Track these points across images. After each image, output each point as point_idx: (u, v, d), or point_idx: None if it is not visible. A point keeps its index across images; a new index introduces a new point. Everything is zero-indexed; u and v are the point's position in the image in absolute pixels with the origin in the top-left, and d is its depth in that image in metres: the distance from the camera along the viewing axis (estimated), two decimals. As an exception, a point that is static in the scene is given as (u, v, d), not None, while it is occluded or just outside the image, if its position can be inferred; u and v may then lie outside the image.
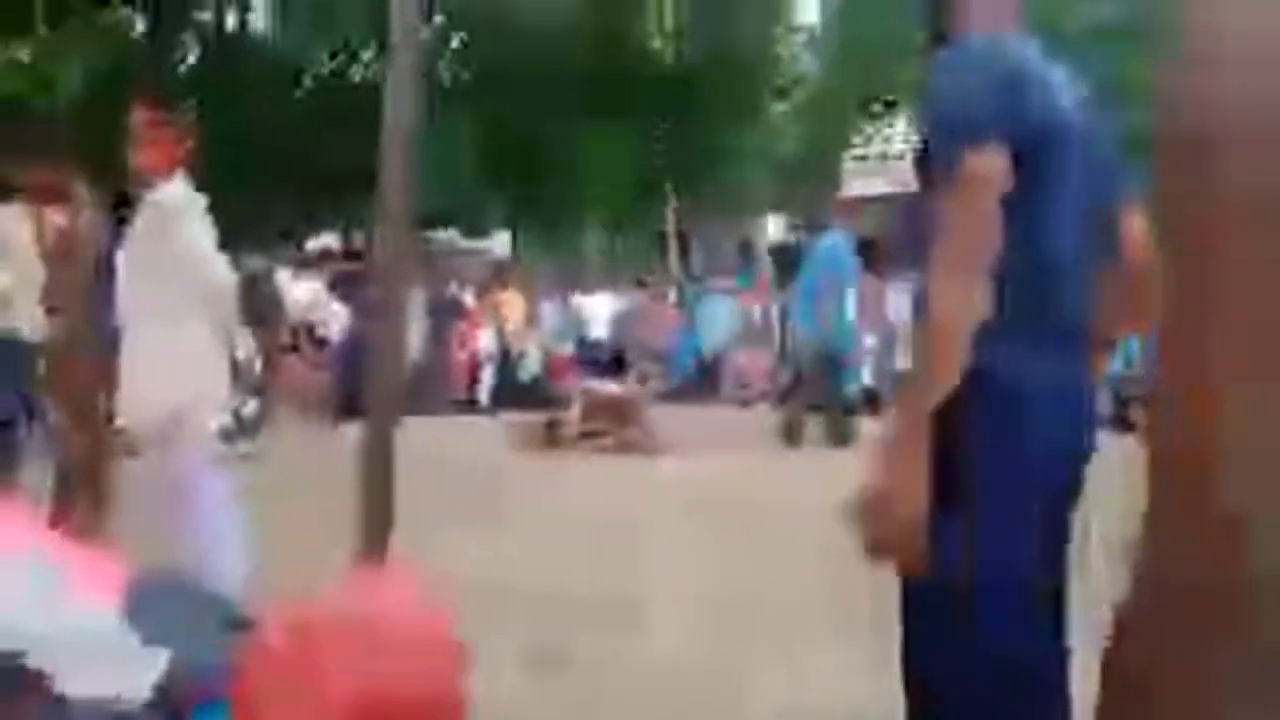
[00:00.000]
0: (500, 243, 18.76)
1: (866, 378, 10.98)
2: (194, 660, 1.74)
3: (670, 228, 15.36)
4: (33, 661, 1.64)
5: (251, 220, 11.94)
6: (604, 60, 13.36)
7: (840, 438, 7.44)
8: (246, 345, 8.32)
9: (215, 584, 3.24)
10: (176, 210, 3.65)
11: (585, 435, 7.26)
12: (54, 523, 4.34)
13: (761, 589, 4.06)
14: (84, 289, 4.57)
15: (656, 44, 12.54)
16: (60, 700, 1.65)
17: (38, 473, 4.70)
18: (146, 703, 1.70)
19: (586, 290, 11.60)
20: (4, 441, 4.97)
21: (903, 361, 11.04)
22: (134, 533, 3.73)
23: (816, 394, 7.63)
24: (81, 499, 4.51)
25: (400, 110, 2.47)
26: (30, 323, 4.73)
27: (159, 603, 1.88)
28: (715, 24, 14.39)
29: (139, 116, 3.77)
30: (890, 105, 16.63)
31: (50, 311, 4.63)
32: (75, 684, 1.65)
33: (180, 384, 3.55)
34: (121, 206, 4.16)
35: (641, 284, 11.97)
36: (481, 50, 13.68)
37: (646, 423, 7.43)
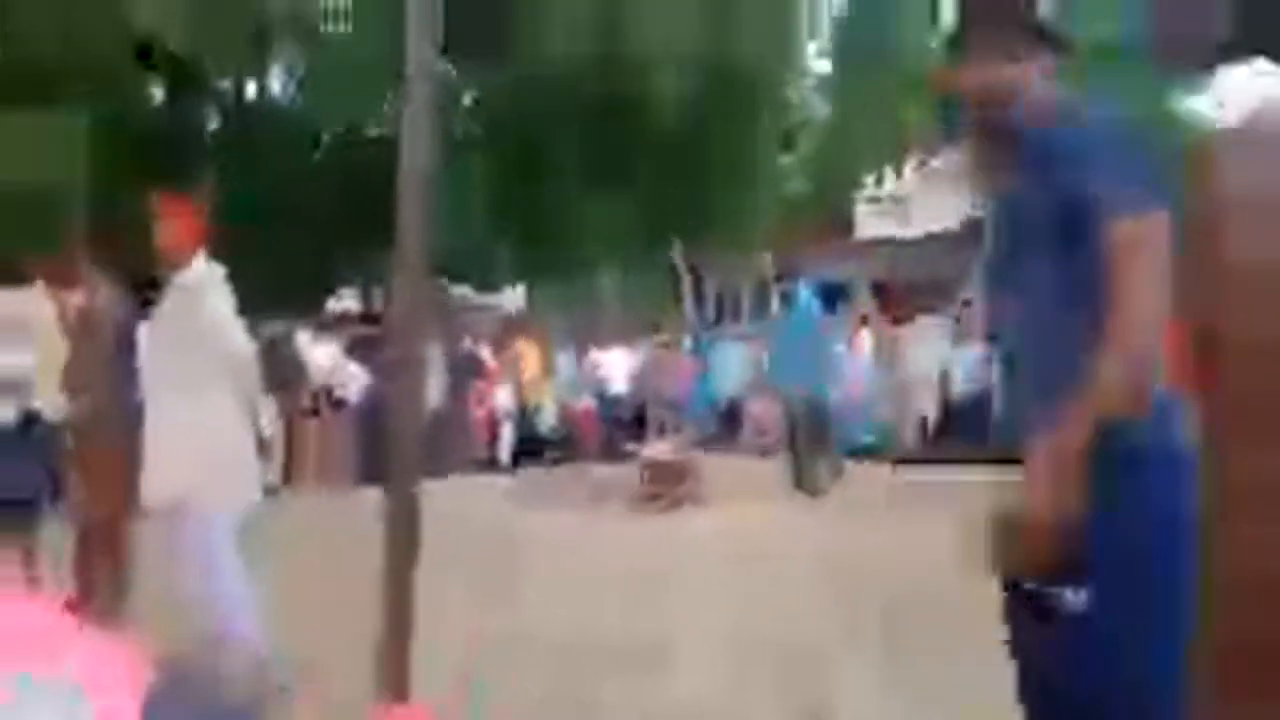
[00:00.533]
0: (512, 298, 18.86)
1: (886, 419, 10.96)
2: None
3: (683, 276, 15.41)
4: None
5: (271, 284, 12.06)
6: (613, 116, 13.50)
7: (824, 481, 7.53)
8: (268, 410, 8.40)
9: (236, 650, 3.26)
10: (200, 287, 3.72)
11: (650, 498, 7.38)
12: (78, 597, 4.37)
13: (789, 636, 4.04)
14: (105, 366, 4.63)
15: (665, 96, 12.63)
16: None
17: (58, 546, 4.73)
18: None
19: (601, 344, 11.63)
20: (28, 516, 5.01)
21: (920, 404, 11.02)
22: (153, 599, 3.75)
23: (813, 441, 7.70)
24: (101, 570, 4.54)
25: (416, 153, 2.48)
26: (52, 403, 4.79)
27: (175, 701, 1.88)
28: (724, 76, 14.54)
29: (160, 199, 3.86)
30: (903, 149, 16.68)
31: (72, 390, 4.69)
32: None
33: (203, 455, 3.59)
34: (146, 287, 4.23)
35: (656, 330, 11.99)
36: (492, 107, 13.83)
37: (700, 477, 7.52)
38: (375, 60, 10.65)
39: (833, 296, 18.48)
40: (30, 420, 4.89)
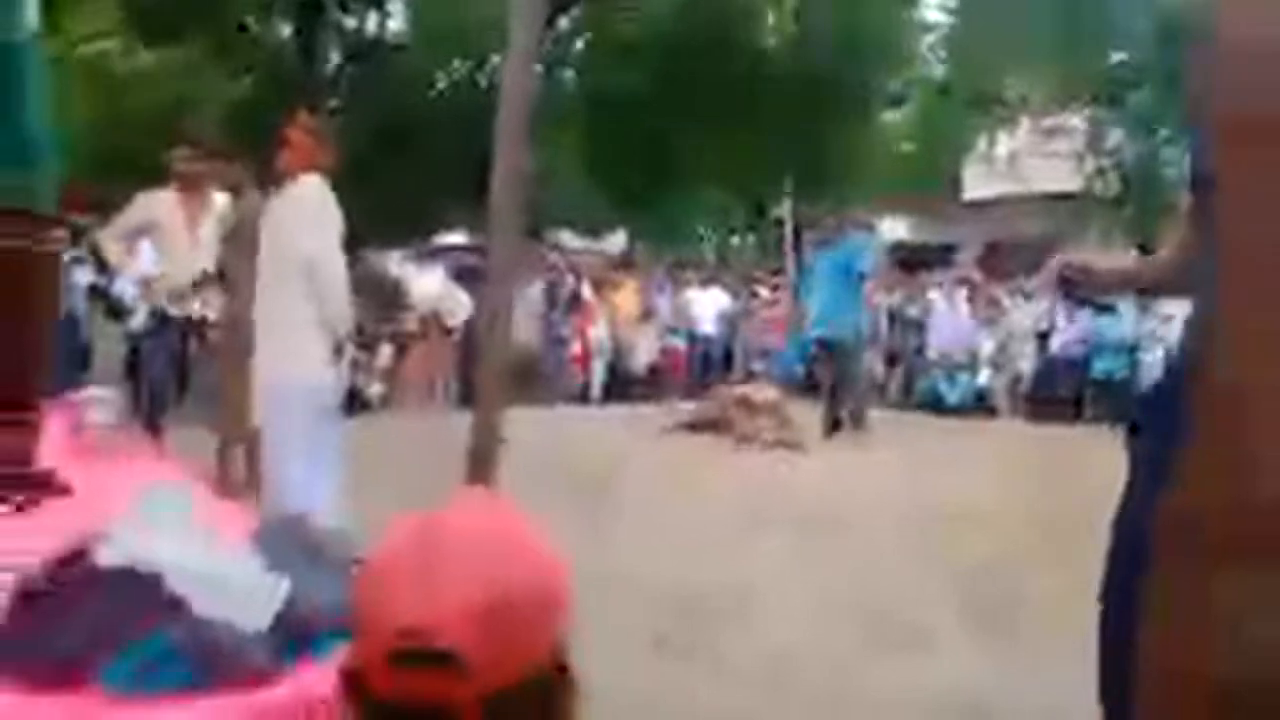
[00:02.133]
0: (616, 242, 19.07)
1: (983, 379, 10.82)
2: (314, 592, 1.94)
3: (786, 225, 15.33)
4: (170, 584, 1.86)
5: (384, 215, 12.49)
6: (720, 61, 13.42)
7: (833, 426, 7.53)
8: (374, 333, 8.80)
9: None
10: (304, 201, 3.96)
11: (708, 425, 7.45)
12: (219, 481, 4.77)
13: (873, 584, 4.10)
14: (251, 268, 4.97)
15: (773, 43, 12.51)
16: (196, 621, 1.86)
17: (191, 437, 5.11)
18: (269, 629, 1.90)
19: (701, 285, 11.71)
20: (156, 406, 5.43)
21: (1019, 364, 10.85)
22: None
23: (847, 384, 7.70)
24: (235, 458, 4.95)
25: (514, 96, 2.64)
26: (179, 301, 5.16)
27: (282, 539, 2.11)
28: (836, 23, 14.28)
29: (289, 121, 4.12)
30: (1014, 107, 16.16)
31: (223, 292, 5.07)
32: (208, 607, 1.87)
33: (279, 345, 3.88)
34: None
35: (753, 280, 12.03)
36: (600, 55, 13.91)
37: (790, 421, 7.55)
38: (485, 6, 10.85)
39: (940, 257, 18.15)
40: (165, 319, 5.28)
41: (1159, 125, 14.34)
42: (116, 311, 6.70)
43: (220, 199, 5.22)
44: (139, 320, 5.55)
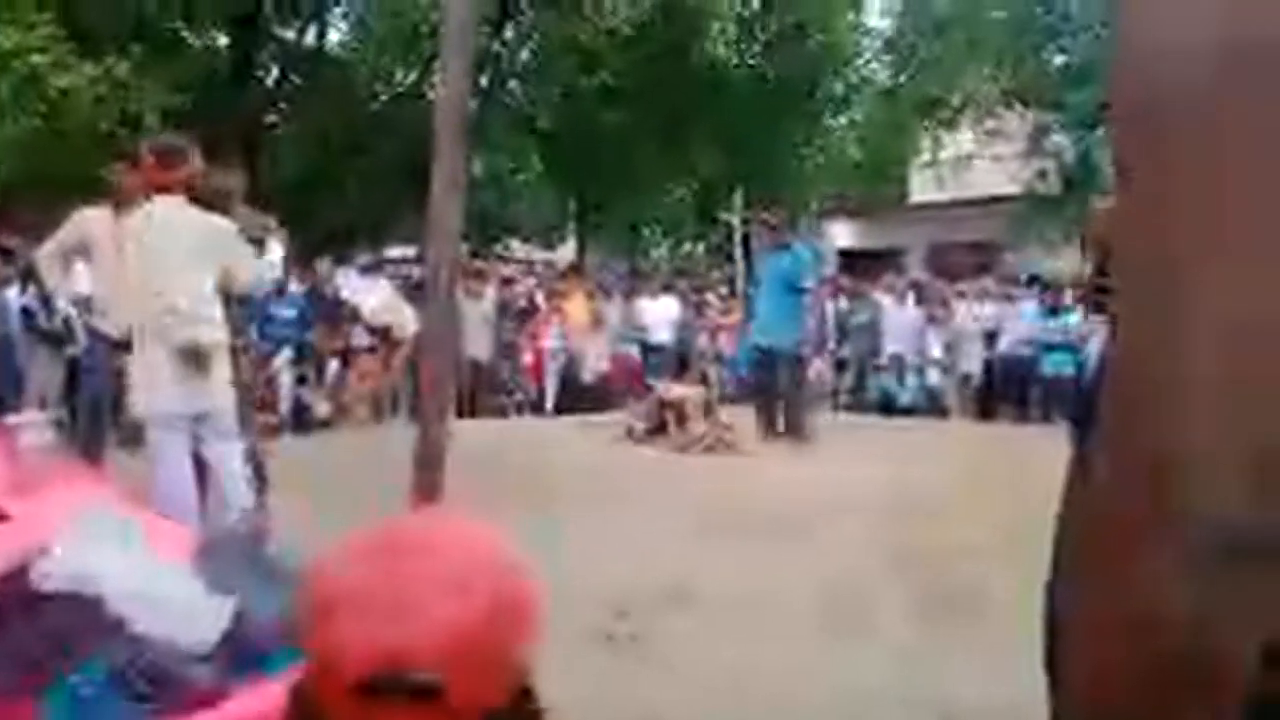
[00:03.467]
0: (567, 252, 19.06)
1: (933, 379, 10.96)
2: (263, 609, 1.90)
3: (736, 232, 15.43)
4: (111, 606, 1.82)
5: (327, 228, 12.37)
6: (669, 68, 13.51)
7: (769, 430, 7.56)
8: (320, 349, 8.69)
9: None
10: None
11: (652, 433, 7.38)
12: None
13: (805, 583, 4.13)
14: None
15: (721, 51, 12.61)
16: (137, 641, 1.81)
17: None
18: (214, 648, 1.86)
19: (652, 294, 11.73)
20: (94, 428, 5.31)
21: (967, 365, 10.99)
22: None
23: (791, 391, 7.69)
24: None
25: (451, 101, 2.61)
26: (115, 320, 5.05)
27: (227, 557, 2.06)
28: (782, 29, 14.46)
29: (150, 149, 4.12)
30: (959, 111, 16.43)
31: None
32: (150, 627, 1.82)
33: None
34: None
35: (704, 287, 12.10)
36: (556, 62, 13.91)
37: (728, 424, 7.52)
38: (430, 13, 10.80)
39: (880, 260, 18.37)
40: (101, 340, 5.15)
41: (1098, 126, 14.65)
42: (54, 335, 6.53)
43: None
44: (77, 342, 5.41)
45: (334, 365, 8.85)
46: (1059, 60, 15.40)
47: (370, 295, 8.93)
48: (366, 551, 0.88)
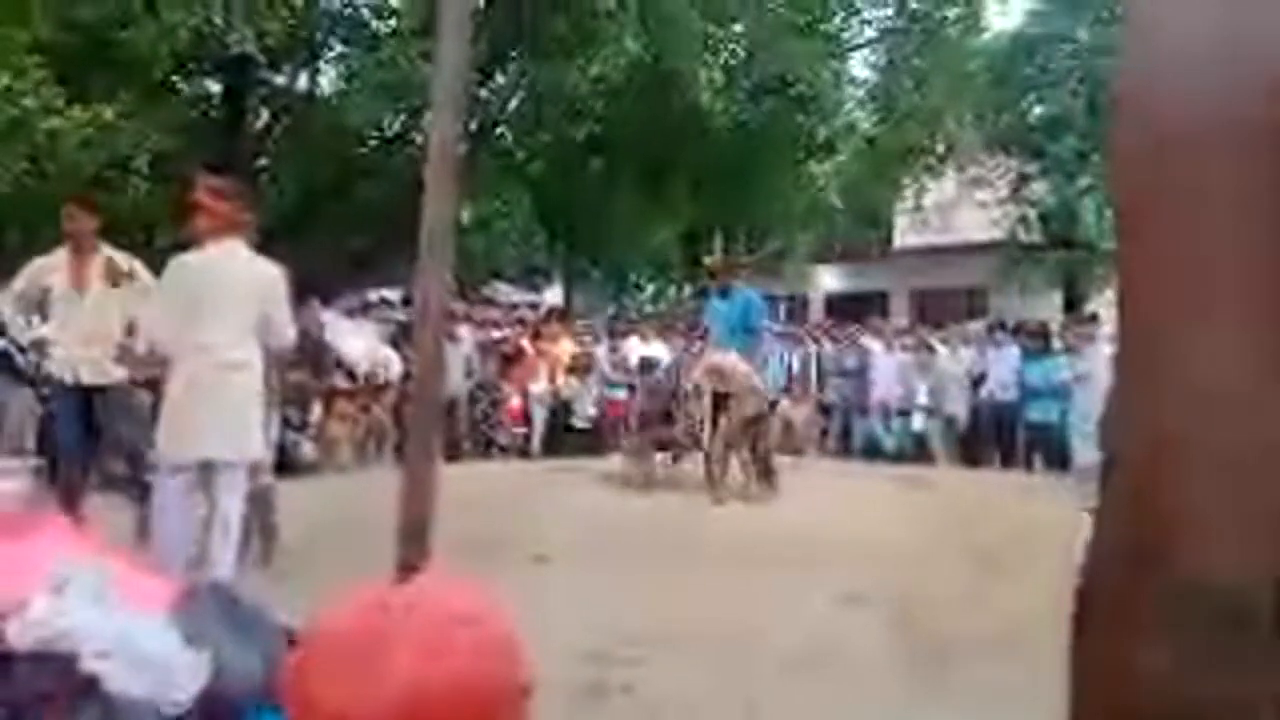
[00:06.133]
0: (554, 295, 19.14)
1: (918, 424, 10.96)
2: (240, 667, 1.86)
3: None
4: (85, 664, 1.77)
5: (316, 273, 12.37)
6: (655, 117, 13.66)
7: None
8: (306, 391, 8.64)
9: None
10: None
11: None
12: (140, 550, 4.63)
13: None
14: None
15: (705, 100, 12.75)
16: (110, 700, 1.76)
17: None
18: (192, 706, 1.82)
19: (641, 337, 11.74)
20: (70, 474, 5.24)
21: (953, 410, 11.00)
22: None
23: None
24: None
25: (442, 147, 2.62)
26: (81, 366, 5.02)
27: (205, 611, 2.02)
28: (768, 77, 14.65)
29: (202, 184, 4.11)
30: (942, 159, 16.67)
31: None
32: (124, 685, 1.78)
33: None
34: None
35: (689, 331, 12.10)
36: (539, 110, 14.04)
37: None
38: (421, 58, 10.90)
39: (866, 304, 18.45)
40: (73, 385, 5.11)
41: (1078, 174, 14.87)
42: (29, 378, 6.47)
43: (120, 258, 5.07)
44: (49, 387, 5.35)
45: (318, 408, 8.81)
46: (1038, 110, 15.69)
47: (355, 339, 8.92)
48: (347, 613, 0.89)
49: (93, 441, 5.10)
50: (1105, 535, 1.34)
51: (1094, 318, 10.74)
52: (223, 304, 3.99)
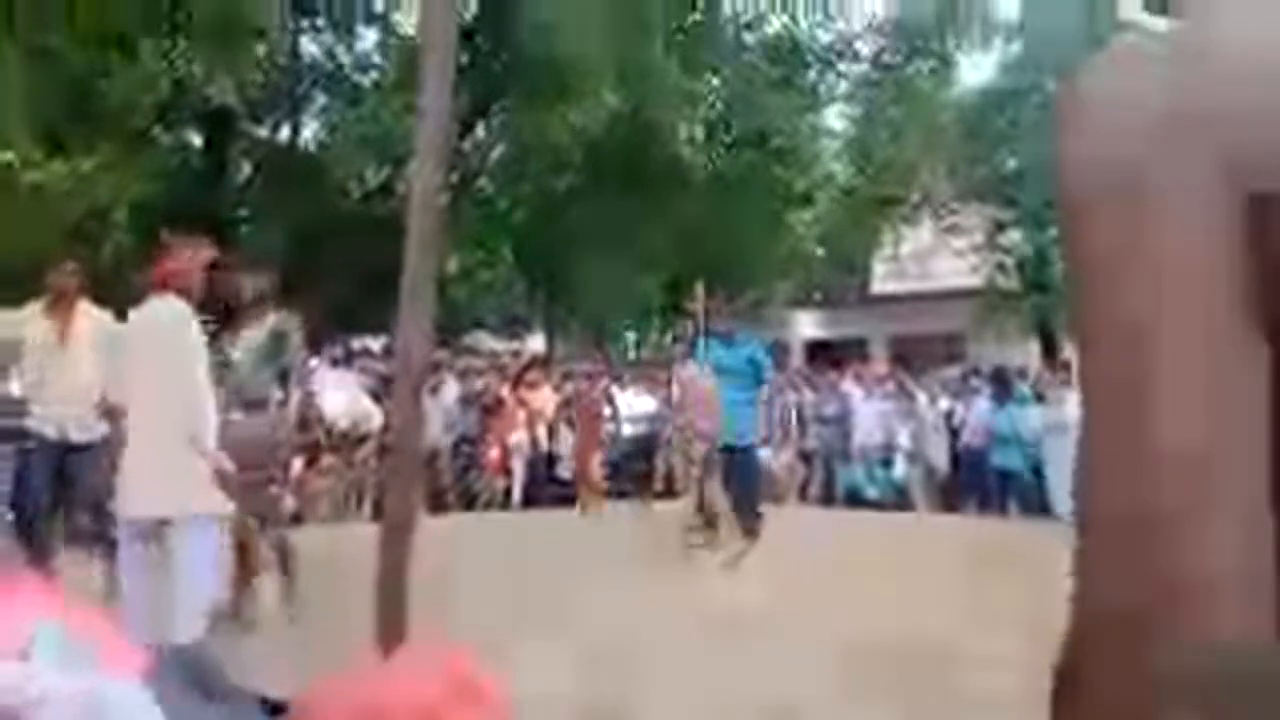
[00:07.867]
0: (534, 344, 19.15)
1: (900, 471, 10.98)
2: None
3: (701, 322, 15.61)
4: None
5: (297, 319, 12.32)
6: (635, 168, 13.81)
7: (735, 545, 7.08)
8: (290, 445, 8.57)
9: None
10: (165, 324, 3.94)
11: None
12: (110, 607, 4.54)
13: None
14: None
15: (687, 151, 12.95)
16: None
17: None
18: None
19: (621, 385, 11.74)
20: (41, 531, 5.17)
21: (933, 456, 11.04)
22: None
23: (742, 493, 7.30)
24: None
25: (425, 197, 2.63)
26: (60, 422, 4.97)
27: (176, 674, 1.99)
28: (746, 129, 14.87)
29: (166, 238, 4.09)
30: (917, 208, 16.92)
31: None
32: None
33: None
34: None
35: (669, 381, 12.12)
36: (530, 160, 14.15)
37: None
38: (403, 111, 11.01)
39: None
40: (47, 440, 5.06)
41: (1048, 223, 15.09)
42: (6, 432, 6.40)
43: (97, 314, 5.06)
44: (32, 441, 5.28)
45: (297, 462, 8.73)
46: (1011, 163, 15.96)
47: (337, 392, 8.88)
48: (342, 687, 0.89)
49: (65, 494, 5.05)
50: (1093, 603, 1.34)
51: (1068, 365, 10.84)
52: (153, 359, 3.94)
